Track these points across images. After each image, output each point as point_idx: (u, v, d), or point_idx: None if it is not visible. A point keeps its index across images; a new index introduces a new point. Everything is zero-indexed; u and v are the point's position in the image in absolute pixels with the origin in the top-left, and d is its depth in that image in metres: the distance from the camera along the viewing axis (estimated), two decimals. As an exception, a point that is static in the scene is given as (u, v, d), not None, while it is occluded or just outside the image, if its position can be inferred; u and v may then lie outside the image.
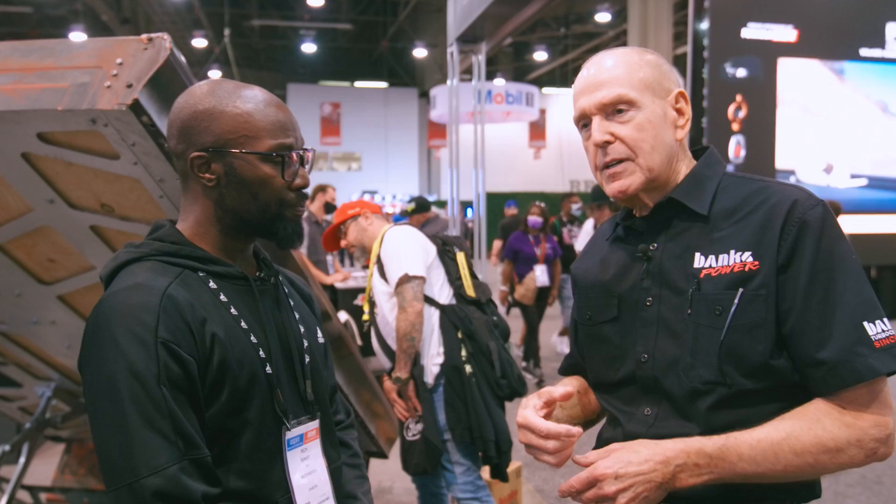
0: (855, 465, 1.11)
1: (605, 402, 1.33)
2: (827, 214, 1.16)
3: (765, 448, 1.08)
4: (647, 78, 1.22)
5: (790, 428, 1.09)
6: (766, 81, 9.54)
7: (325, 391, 1.29)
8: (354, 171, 28.59)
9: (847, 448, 1.09)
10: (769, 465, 1.08)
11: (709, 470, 1.09)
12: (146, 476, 0.96)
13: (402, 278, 2.80)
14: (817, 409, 1.11)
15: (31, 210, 1.87)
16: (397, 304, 2.84)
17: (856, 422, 1.09)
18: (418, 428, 2.87)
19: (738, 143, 9.35)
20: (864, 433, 1.09)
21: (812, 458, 1.08)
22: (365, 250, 3.10)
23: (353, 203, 3.21)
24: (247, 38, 25.41)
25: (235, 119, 1.13)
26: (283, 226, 1.17)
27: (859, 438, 1.09)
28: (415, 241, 2.95)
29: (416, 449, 2.86)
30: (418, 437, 2.85)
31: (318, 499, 1.18)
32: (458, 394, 2.85)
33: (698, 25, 9.21)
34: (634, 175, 1.22)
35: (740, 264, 1.16)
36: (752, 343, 1.14)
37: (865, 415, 1.09)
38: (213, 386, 1.06)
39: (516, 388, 2.99)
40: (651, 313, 1.23)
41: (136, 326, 1.01)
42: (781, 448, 1.08)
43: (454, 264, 3.02)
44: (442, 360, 2.88)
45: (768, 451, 1.08)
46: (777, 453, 1.08)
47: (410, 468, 2.92)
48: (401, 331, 2.79)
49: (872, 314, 1.11)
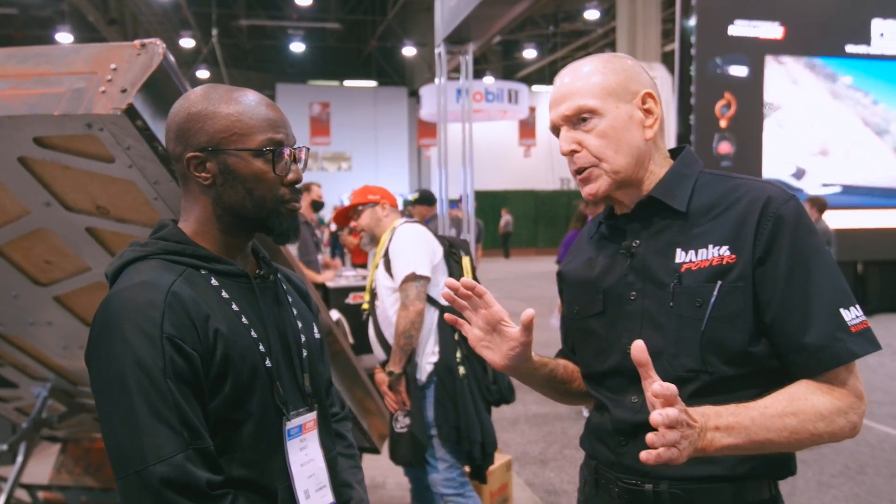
0: (843, 436, 1.18)
1: (595, 391, 1.39)
2: (800, 209, 1.22)
3: (773, 414, 1.13)
4: (610, 85, 1.28)
5: (790, 400, 1.15)
6: (753, 78, 9.63)
7: (322, 384, 1.35)
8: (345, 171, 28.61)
9: (838, 418, 1.16)
10: (777, 430, 1.13)
11: (729, 433, 1.11)
12: (154, 464, 1.01)
13: (408, 276, 2.85)
14: (807, 387, 1.17)
15: (28, 213, 1.90)
16: (399, 301, 2.88)
17: (842, 397, 1.17)
18: (406, 421, 2.92)
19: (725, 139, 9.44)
20: (850, 407, 1.17)
21: (812, 425, 1.14)
22: (374, 238, 3.12)
23: (376, 189, 3.19)
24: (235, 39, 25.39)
25: (227, 118, 1.17)
26: (279, 221, 1.22)
27: (846, 411, 1.17)
28: (424, 241, 2.99)
29: (404, 441, 2.92)
30: (405, 431, 2.92)
31: (315, 486, 1.23)
32: (449, 393, 2.91)
33: (685, 23, 9.30)
34: (601, 179, 1.29)
35: (718, 258, 1.22)
36: (731, 332, 1.20)
37: (847, 392, 1.18)
38: (216, 379, 1.11)
39: (505, 394, 3.09)
40: (635, 307, 1.29)
41: (143, 322, 1.06)
42: (786, 414, 1.14)
43: (458, 267, 3.09)
44: (436, 359, 2.93)
45: (776, 418, 1.13)
46: (784, 419, 1.13)
47: (397, 459, 2.98)
48: (400, 327, 2.84)
49: (847, 301, 1.19)
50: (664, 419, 0.98)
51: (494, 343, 1.31)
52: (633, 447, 1.25)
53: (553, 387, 1.47)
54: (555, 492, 4.16)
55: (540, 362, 1.39)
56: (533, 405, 5.90)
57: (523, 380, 1.42)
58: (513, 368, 1.33)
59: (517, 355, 1.30)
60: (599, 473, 1.35)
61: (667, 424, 0.99)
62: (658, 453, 1.00)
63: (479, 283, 1.31)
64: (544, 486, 4.27)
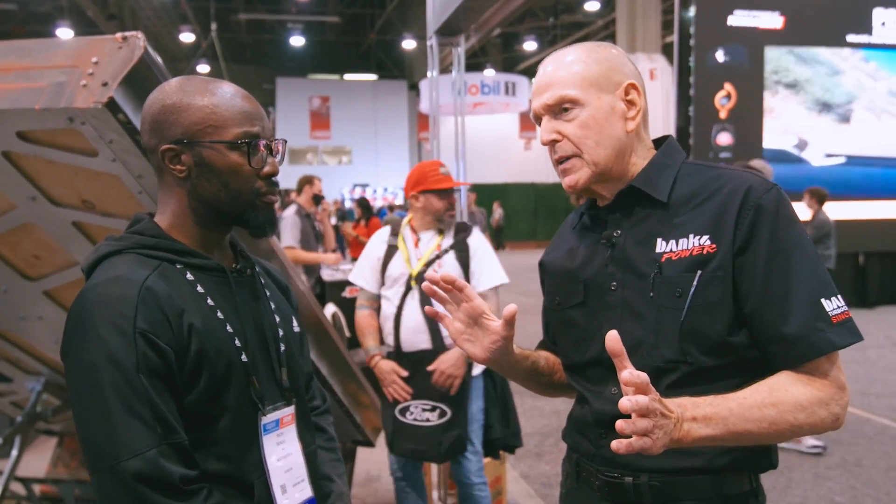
0: (824, 427, 1.17)
1: (575, 382, 1.39)
2: (780, 198, 1.21)
3: (752, 405, 1.13)
4: (592, 75, 1.27)
5: (769, 391, 1.14)
6: (753, 69, 9.59)
7: (300, 378, 1.34)
8: (345, 165, 28.56)
9: (818, 409, 1.15)
10: (755, 421, 1.12)
11: (706, 425, 1.10)
12: (127, 459, 1.01)
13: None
14: (787, 378, 1.17)
15: (14, 207, 1.89)
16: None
17: (824, 388, 1.16)
18: (433, 415, 2.92)
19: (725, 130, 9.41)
20: (831, 398, 1.16)
21: (792, 416, 1.13)
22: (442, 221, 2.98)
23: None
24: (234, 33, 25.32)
25: (202, 110, 1.17)
26: (255, 214, 1.21)
27: (827, 402, 1.16)
28: None
29: (437, 433, 2.90)
30: (441, 422, 2.91)
31: (293, 480, 1.23)
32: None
33: (685, 14, 9.25)
34: (582, 170, 1.29)
35: (699, 248, 1.21)
36: (710, 322, 1.20)
37: (829, 383, 1.17)
38: (190, 374, 1.11)
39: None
40: (616, 297, 1.29)
41: (116, 317, 1.05)
42: (766, 405, 1.13)
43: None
44: None
45: (755, 409, 1.13)
46: (763, 410, 1.13)
47: (427, 454, 2.97)
48: None
49: (828, 291, 1.18)
50: (633, 405, 0.98)
51: (476, 336, 1.30)
52: (614, 439, 1.25)
53: (534, 379, 1.46)
54: (549, 484, 4.16)
55: (521, 355, 1.39)
56: (529, 398, 5.90)
57: (504, 372, 1.42)
58: (494, 361, 1.33)
59: (498, 349, 1.29)
60: (581, 466, 1.35)
61: (638, 412, 0.98)
62: (630, 442, 1.00)
63: None
64: (539, 478, 4.27)
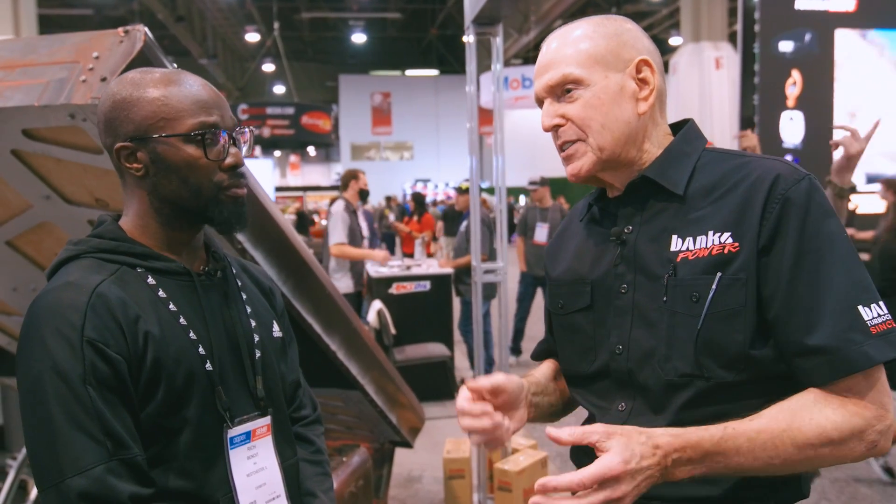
0: (854, 458, 1.02)
1: (580, 397, 1.26)
2: (813, 189, 1.06)
3: (765, 440, 0.99)
4: (598, 51, 1.13)
5: (790, 418, 0.99)
6: (822, 55, 9.10)
7: (278, 387, 1.26)
8: (407, 160, 28.71)
9: (849, 440, 0.99)
10: (767, 458, 0.99)
11: (703, 464, 1.00)
12: (71, 476, 0.95)
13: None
14: (816, 399, 1.01)
15: (30, 206, 1.89)
16: None
17: (859, 412, 1.00)
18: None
19: (793, 120, 8.97)
20: (868, 424, 1.00)
21: (813, 450, 0.99)
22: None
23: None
24: (297, 31, 25.71)
25: (153, 104, 1.10)
26: (220, 209, 1.14)
27: (862, 429, 0.99)
28: None
29: None
30: None
31: (266, 496, 1.15)
32: None
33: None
34: (586, 157, 1.15)
35: (719, 246, 1.07)
36: (730, 332, 1.05)
37: (866, 405, 1.00)
38: (147, 385, 1.04)
39: None
40: (626, 301, 1.15)
41: (63, 326, 1.00)
42: (782, 440, 0.99)
43: None
44: None
45: (768, 444, 0.99)
46: (777, 446, 0.99)
47: None
48: None
49: (866, 297, 1.01)
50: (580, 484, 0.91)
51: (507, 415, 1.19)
52: None
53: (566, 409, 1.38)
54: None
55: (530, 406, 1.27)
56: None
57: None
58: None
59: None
60: (589, 489, 1.23)
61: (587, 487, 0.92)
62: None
63: None
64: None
